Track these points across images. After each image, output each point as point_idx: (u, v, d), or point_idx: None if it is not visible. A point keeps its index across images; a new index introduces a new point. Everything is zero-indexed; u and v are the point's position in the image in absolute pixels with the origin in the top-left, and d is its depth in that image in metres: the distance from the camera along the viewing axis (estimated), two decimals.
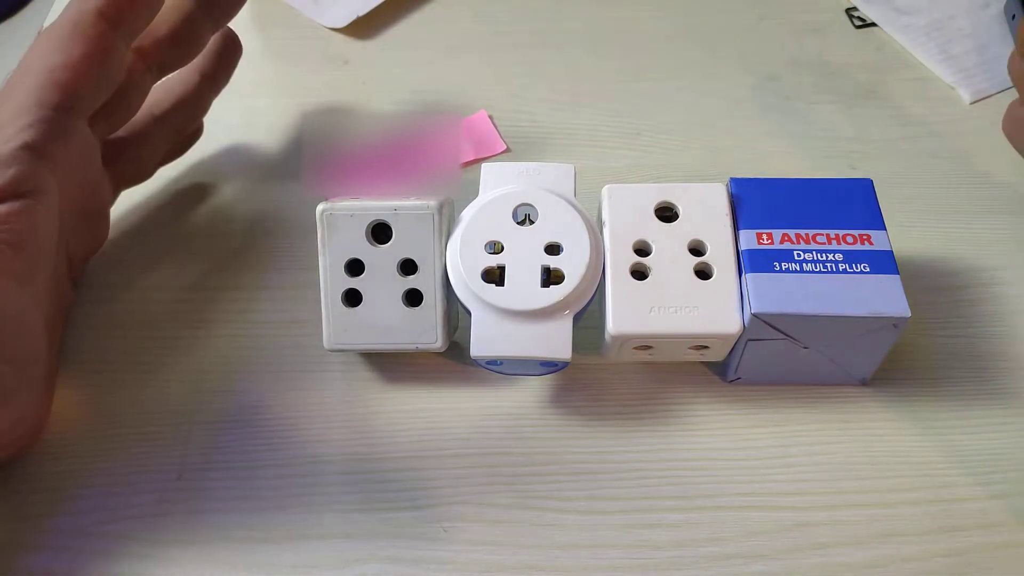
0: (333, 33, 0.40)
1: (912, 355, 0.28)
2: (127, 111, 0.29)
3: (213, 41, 0.32)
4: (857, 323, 0.24)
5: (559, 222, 0.26)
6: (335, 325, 0.26)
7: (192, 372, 0.29)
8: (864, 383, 0.28)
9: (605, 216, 0.26)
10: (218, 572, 0.25)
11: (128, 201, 0.33)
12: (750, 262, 0.25)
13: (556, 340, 0.25)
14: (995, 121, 0.35)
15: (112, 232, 0.32)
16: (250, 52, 0.39)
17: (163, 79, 0.30)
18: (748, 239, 0.26)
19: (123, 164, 0.30)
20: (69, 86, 0.25)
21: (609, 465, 0.26)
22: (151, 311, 0.30)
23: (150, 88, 0.30)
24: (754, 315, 0.24)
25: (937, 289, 0.30)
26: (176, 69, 0.31)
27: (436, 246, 0.26)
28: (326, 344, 0.26)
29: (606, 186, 0.27)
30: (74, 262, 0.29)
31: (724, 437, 0.27)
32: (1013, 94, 0.36)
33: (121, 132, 0.30)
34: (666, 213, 0.26)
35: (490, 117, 0.36)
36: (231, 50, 0.33)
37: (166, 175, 0.34)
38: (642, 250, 0.26)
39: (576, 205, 0.26)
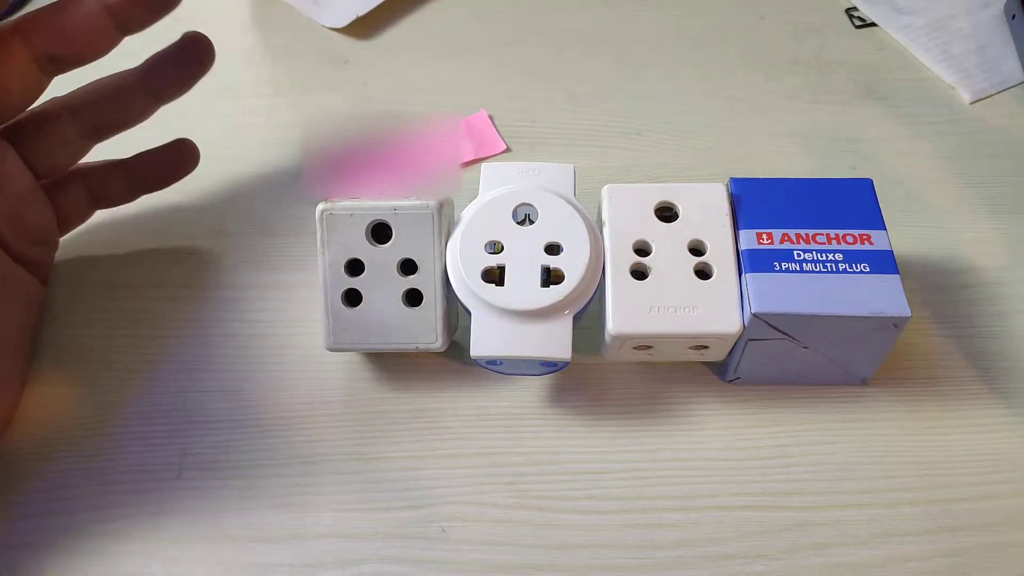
0: (333, 33, 0.40)
1: (912, 355, 0.28)
2: (48, 154, 0.28)
3: (171, 45, 0.29)
4: (857, 323, 0.24)
5: (559, 222, 0.26)
6: (335, 325, 0.26)
7: (191, 372, 0.29)
8: (864, 383, 0.28)
9: (605, 216, 0.26)
10: (218, 572, 0.25)
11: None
12: (750, 262, 0.25)
13: (556, 340, 0.25)
14: (995, 121, 0.35)
15: (111, 232, 0.32)
16: (250, 51, 0.39)
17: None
18: (748, 239, 0.26)
19: (31, 148, 0.28)
20: None
21: (609, 465, 0.26)
22: (151, 310, 0.30)
23: (76, 142, 0.29)
24: (754, 315, 0.24)
25: (937, 289, 0.30)
26: (109, 130, 0.29)
27: (436, 246, 0.26)
28: (326, 344, 0.26)
29: (606, 186, 0.27)
30: (13, 248, 0.28)
31: (724, 437, 0.27)
32: (1013, 94, 0.36)
33: (22, 116, 0.28)
34: (666, 213, 0.26)
35: (490, 117, 0.36)
36: (189, 60, 0.29)
37: None
38: (642, 250, 0.26)
39: (576, 205, 0.26)
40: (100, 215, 0.31)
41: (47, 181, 0.29)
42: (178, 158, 0.31)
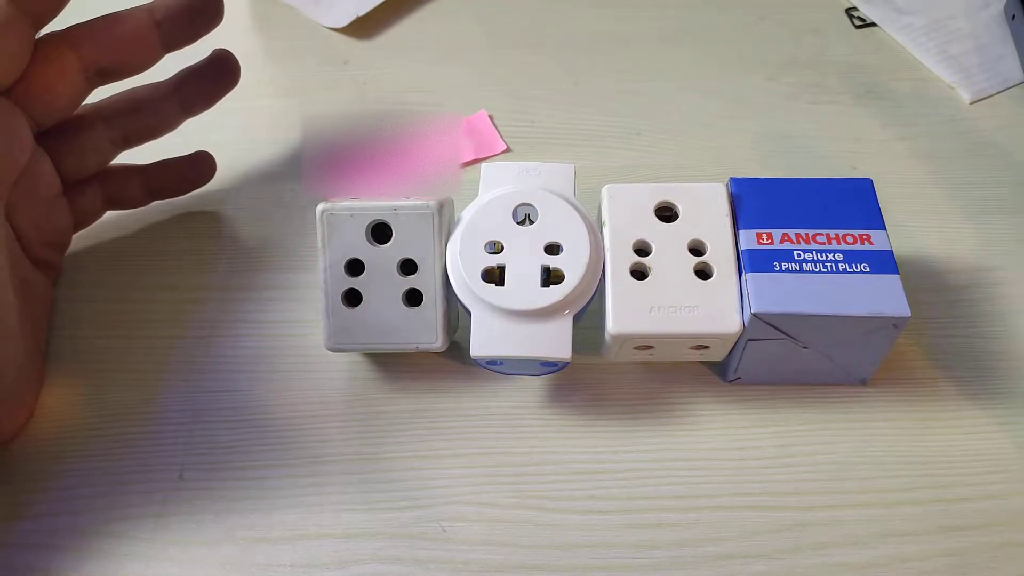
0: (333, 33, 0.40)
1: (912, 355, 0.28)
2: (78, 160, 0.29)
3: (202, 61, 0.30)
4: (857, 323, 0.24)
5: (559, 222, 0.26)
6: (335, 325, 0.26)
7: (192, 372, 0.29)
8: (864, 383, 0.28)
9: (605, 216, 0.26)
10: (218, 572, 0.25)
11: None
12: (750, 262, 0.25)
13: (556, 340, 0.25)
14: (995, 121, 0.35)
15: (111, 233, 0.32)
16: (250, 52, 0.39)
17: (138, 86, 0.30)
18: (748, 239, 0.26)
19: (63, 154, 0.28)
20: None
21: (609, 465, 0.26)
22: (152, 311, 0.30)
23: (106, 149, 0.29)
24: (754, 315, 0.24)
25: (937, 289, 0.30)
26: (138, 139, 0.30)
27: (436, 246, 0.26)
28: (326, 344, 0.26)
29: (606, 186, 0.27)
30: (33, 252, 0.28)
31: (724, 437, 0.27)
32: (1013, 94, 0.36)
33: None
34: (666, 213, 0.26)
35: (490, 117, 0.36)
36: (218, 75, 0.31)
37: None
38: (642, 250, 0.26)
39: (576, 205, 0.26)
40: (102, 218, 0.32)
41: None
42: (196, 170, 0.32)
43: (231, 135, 0.36)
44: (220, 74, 0.31)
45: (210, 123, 0.35)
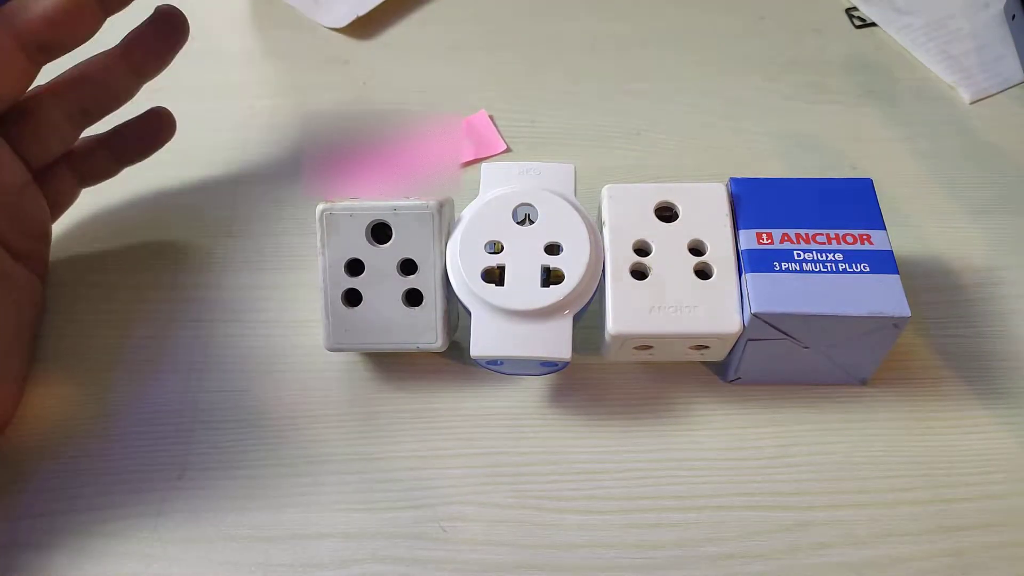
0: (333, 33, 0.40)
1: (912, 355, 0.28)
2: (40, 143, 0.28)
3: (145, 21, 0.29)
4: (857, 323, 0.24)
5: (559, 222, 0.26)
6: (335, 325, 0.26)
7: (192, 372, 0.29)
8: (864, 383, 0.28)
9: (605, 216, 0.26)
10: (218, 572, 0.25)
11: (129, 201, 0.33)
12: (750, 262, 0.25)
13: (556, 340, 0.25)
14: (995, 121, 0.35)
15: (112, 232, 0.32)
16: (250, 52, 0.39)
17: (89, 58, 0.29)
18: (748, 239, 0.26)
19: (23, 140, 0.28)
20: None
21: (609, 465, 0.26)
22: (151, 310, 0.30)
23: (66, 128, 0.29)
24: (754, 315, 0.24)
25: (937, 289, 0.30)
26: (96, 112, 0.29)
27: (436, 246, 0.26)
28: (326, 344, 0.26)
29: (606, 186, 0.27)
30: (10, 244, 0.28)
31: (724, 437, 0.27)
32: (1013, 94, 0.36)
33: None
34: (666, 213, 0.26)
35: (490, 117, 0.36)
36: (165, 33, 0.29)
37: (165, 173, 0.34)
38: (642, 250, 0.26)
39: (576, 205, 0.26)
40: (101, 216, 0.32)
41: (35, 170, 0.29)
42: (154, 127, 0.32)
43: (230, 134, 0.36)
44: (166, 32, 0.29)
45: (209, 122, 0.35)
